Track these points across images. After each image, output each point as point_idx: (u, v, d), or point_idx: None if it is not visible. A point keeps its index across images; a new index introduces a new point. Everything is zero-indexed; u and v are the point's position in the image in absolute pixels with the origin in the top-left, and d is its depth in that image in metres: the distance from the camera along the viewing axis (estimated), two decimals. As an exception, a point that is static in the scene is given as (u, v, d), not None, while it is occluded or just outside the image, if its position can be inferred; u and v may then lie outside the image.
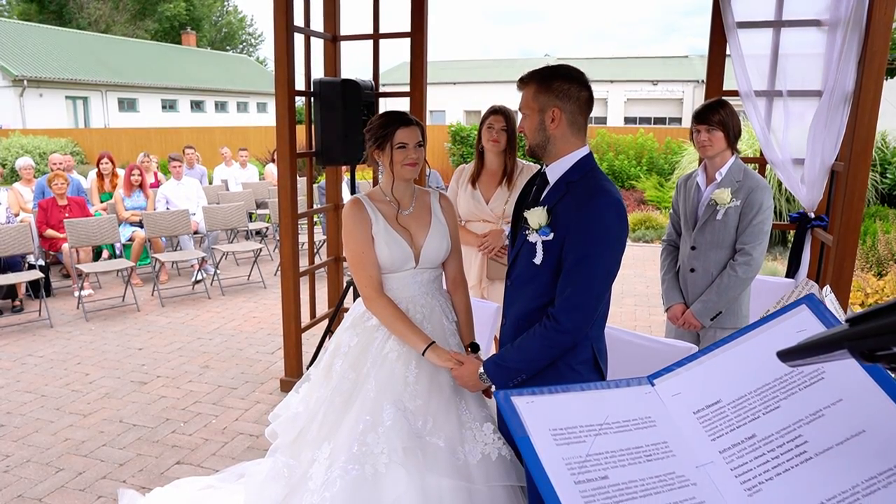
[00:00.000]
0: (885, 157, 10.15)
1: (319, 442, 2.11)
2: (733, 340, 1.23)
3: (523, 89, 1.93)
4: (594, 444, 1.09)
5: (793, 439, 1.04)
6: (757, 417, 1.09)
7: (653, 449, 1.11)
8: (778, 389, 1.11)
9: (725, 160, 2.94)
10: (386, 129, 2.19)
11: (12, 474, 3.34)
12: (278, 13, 3.88)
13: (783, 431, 1.06)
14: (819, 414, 1.04)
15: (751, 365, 1.16)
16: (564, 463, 1.04)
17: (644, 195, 12.99)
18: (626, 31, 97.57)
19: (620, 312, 6.16)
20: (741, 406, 1.13)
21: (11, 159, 15.49)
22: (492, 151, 3.38)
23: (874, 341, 0.68)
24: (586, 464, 1.05)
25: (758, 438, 1.07)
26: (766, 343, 1.17)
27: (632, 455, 1.09)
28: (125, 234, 7.37)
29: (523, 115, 1.93)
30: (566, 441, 1.09)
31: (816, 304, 1.17)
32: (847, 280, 3.46)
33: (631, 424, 1.15)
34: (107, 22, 37.54)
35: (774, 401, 1.10)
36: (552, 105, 1.86)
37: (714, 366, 1.22)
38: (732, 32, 3.59)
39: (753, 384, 1.14)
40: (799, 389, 1.09)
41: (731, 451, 1.08)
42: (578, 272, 1.80)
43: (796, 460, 1.01)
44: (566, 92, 1.86)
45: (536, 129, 1.89)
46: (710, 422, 1.13)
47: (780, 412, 1.08)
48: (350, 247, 2.24)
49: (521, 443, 1.07)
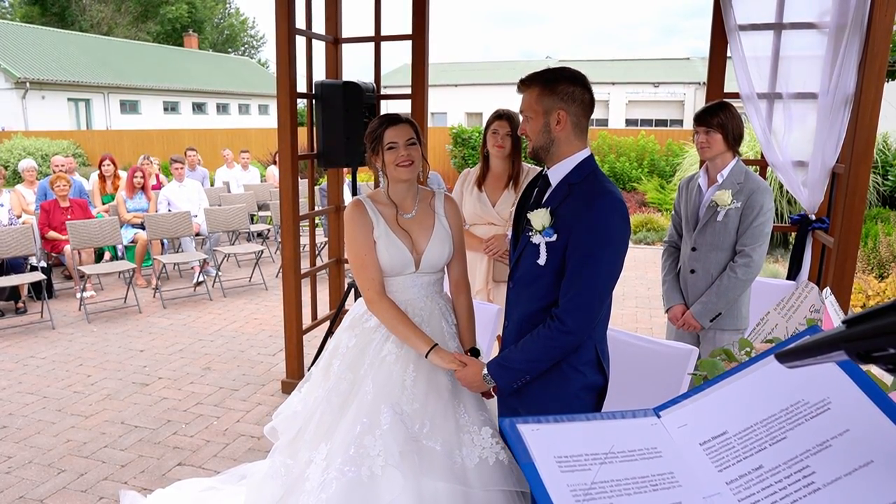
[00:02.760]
0: (887, 159, 10.14)
1: (316, 442, 2.11)
2: (738, 372, 1.23)
3: (525, 91, 1.91)
4: (599, 472, 1.09)
5: (800, 470, 1.03)
6: (764, 448, 1.09)
7: (659, 479, 1.11)
8: (784, 420, 1.10)
9: (727, 162, 2.95)
10: (375, 131, 2.18)
11: (14, 475, 3.34)
12: (280, 16, 3.89)
13: (790, 462, 1.05)
14: (826, 444, 1.04)
15: (757, 396, 1.16)
16: (569, 490, 1.04)
17: (645, 197, 12.98)
18: (627, 33, 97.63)
19: (622, 314, 6.16)
20: (748, 437, 1.12)
21: (14, 161, 15.52)
22: (497, 156, 3.38)
23: (870, 342, 0.68)
24: (591, 491, 1.05)
25: (765, 469, 1.06)
26: (772, 374, 1.17)
27: (637, 484, 1.09)
28: (127, 236, 7.38)
29: (525, 117, 1.92)
30: (571, 468, 1.09)
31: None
32: (848, 282, 3.46)
33: (636, 454, 1.15)
34: (109, 24, 37.63)
35: (781, 431, 1.09)
36: (557, 108, 1.86)
37: (720, 397, 1.22)
38: (733, 34, 3.59)
39: (760, 415, 1.13)
40: (805, 420, 1.08)
41: (739, 482, 1.07)
42: (582, 273, 1.81)
43: (804, 491, 1.01)
44: (571, 94, 1.86)
45: (541, 131, 1.89)
46: (716, 453, 1.13)
47: (786, 443, 1.07)
48: (352, 249, 2.24)
49: (525, 469, 1.08)
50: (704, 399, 1.24)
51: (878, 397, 1.05)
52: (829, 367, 1.04)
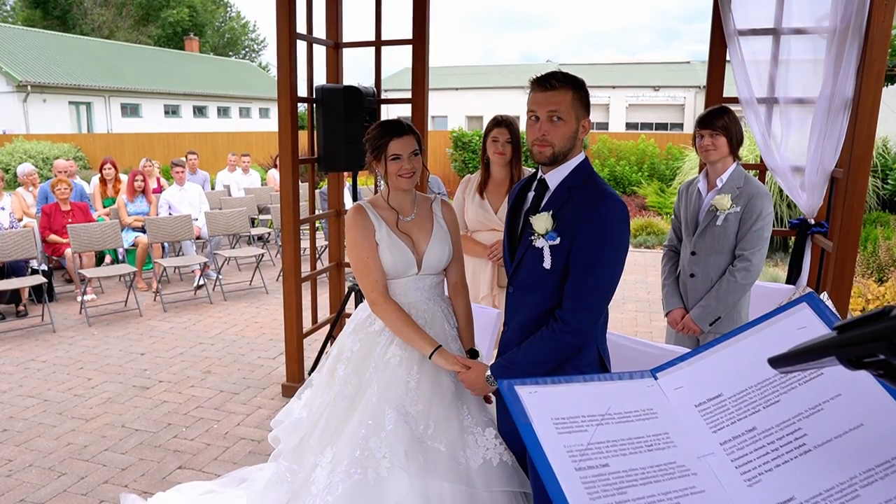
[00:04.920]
0: (886, 163, 10.15)
1: (322, 447, 2.12)
2: (735, 336, 1.26)
3: (555, 92, 1.85)
4: (596, 433, 1.11)
5: (792, 432, 1.06)
6: (757, 411, 1.12)
7: (654, 439, 1.13)
8: (778, 384, 1.13)
9: (727, 166, 2.97)
10: (379, 140, 2.18)
11: (15, 479, 3.35)
12: (281, 20, 3.91)
13: (783, 424, 1.08)
14: (818, 408, 1.07)
15: (752, 360, 1.18)
16: (566, 450, 1.07)
17: (645, 201, 12.99)
18: (627, 37, 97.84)
19: (621, 318, 6.17)
20: (742, 400, 1.15)
21: (15, 164, 15.54)
22: (498, 163, 3.38)
23: (861, 349, 0.70)
24: (587, 452, 1.07)
25: (758, 431, 1.09)
26: (767, 340, 1.20)
27: (633, 444, 1.12)
28: (128, 240, 7.39)
29: (558, 118, 1.86)
30: (568, 430, 1.11)
31: (817, 302, 1.19)
32: (847, 286, 3.46)
33: (633, 416, 1.18)
34: (110, 28, 37.71)
35: (775, 395, 1.12)
36: (585, 115, 1.91)
37: (716, 361, 1.25)
38: (733, 39, 3.60)
39: (754, 379, 1.16)
40: (799, 384, 1.11)
41: (732, 443, 1.10)
42: (586, 274, 1.83)
43: (795, 452, 1.04)
44: (589, 103, 1.92)
45: (571, 136, 1.89)
46: (711, 414, 1.16)
47: (780, 406, 1.10)
48: (354, 253, 2.25)
49: (523, 430, 1.10)
50: (701, 362, 1.27)
51: None
52: (825, 333, 1.08)
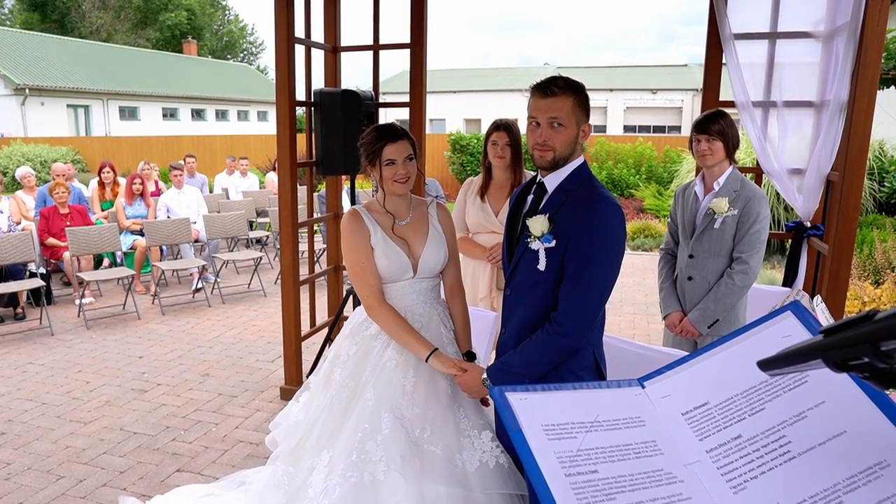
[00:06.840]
0: (883, 166, 10.18)
1: (319, 450, 2.13)
2: (720, 346, 1.28)
3: (556, 98, 1.87)
4: (585, 440, 1.13)
5: (777, 440, 1.08)
6: (743, 419, 1.13)
7: (642, 447, 1.15)
8: (763, 392, 1.15)
9: (723, 170, 2.99)
10: (374, 145, 2.18)
11: (13, 482, 3.35)
12: (279, 24, 3.92)
13: (768, 432, 1.09)
14: (802, 415, 1.08)
15: (737, 369, 1.20)
16: (556, 457, 1.08)
17: (643, 204, 13.03)
18: (625, 40, 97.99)
19: (619, 321, 6.18)
20: (728, 408, 1.16)
21: (13, 168, 15.54)
22: (499, 167, 3.41)
23: (846, 352, 0.71)
24: (577, 458, 1.09)
25: (744, 439, 1.11)
26: (752, 348, 1.22)
27: (621, 452, 1.13)
28: (126, 243, 7.40)
29: (559, 124, 1.87)
30: (558, 436, 1.13)
31: (801, 311, 1.21)
32: (843, 288, 3.48)
33: (621, 423, 1.19)
34: (108, 31, 37.73)
35: (760, 403, 1.14)
36: (585, 120, 1.92)
37: (702, 370, 1.26)
38: (729, 43, 3.62)
39: (740, 387, 1.18)
40: (783, 392, 1.13)
41: (718, 451, 1.12)
42: (582, 276, 1.84)
43: (780, 459, 1.05)
44: (589, 107, 1.93)
45: (571, 142, 1.90)
46: (697, 422, 1.18)
47: (765, 414, 1.12)
48: (350, 258, 2.26)
49: (514, 436, 1.11)
50: (687, 370, 1.29)
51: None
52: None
